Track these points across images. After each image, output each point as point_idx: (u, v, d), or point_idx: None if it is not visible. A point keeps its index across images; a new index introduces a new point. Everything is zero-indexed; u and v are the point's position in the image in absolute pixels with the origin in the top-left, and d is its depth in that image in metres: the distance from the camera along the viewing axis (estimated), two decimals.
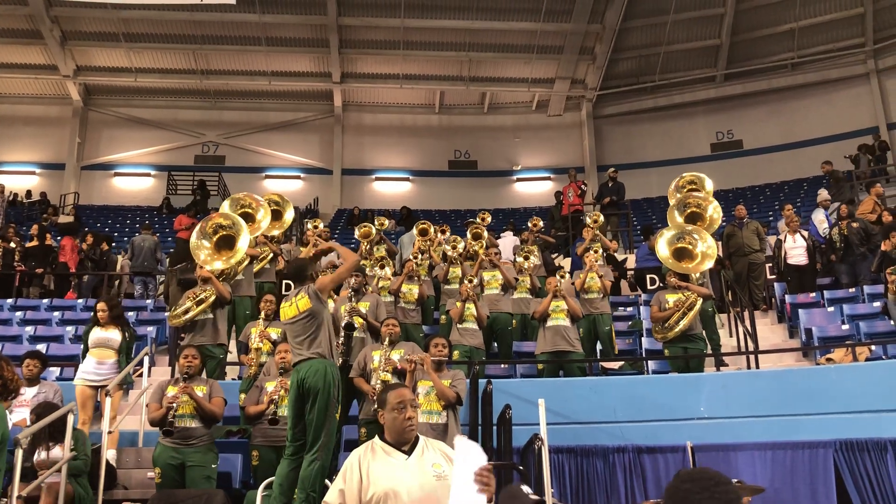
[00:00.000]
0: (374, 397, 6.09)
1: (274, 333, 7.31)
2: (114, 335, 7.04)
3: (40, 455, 5.69)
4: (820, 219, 12.36)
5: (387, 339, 6.45)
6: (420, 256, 9.82)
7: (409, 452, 3.14)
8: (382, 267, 9.38)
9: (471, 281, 8.43)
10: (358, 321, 7.12)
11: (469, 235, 10.38)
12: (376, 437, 3.26)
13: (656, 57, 23.30)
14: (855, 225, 10.55)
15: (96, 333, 7.04)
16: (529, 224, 11.94)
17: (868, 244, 10.33)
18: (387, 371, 6.23)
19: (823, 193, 14.53)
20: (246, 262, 8.65)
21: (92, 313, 7.36)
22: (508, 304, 9.17)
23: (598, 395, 6.87)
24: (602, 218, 10.99)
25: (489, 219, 11.72)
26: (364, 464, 3.10)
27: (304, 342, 5.36)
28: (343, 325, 6.82)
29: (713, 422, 6.60)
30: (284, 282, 10.76)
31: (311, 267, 5.77)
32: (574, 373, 7.86)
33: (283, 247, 12.10)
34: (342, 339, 6.76)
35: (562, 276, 8.96)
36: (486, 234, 10.45)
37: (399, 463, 3.11)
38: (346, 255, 5.92)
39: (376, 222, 11.08)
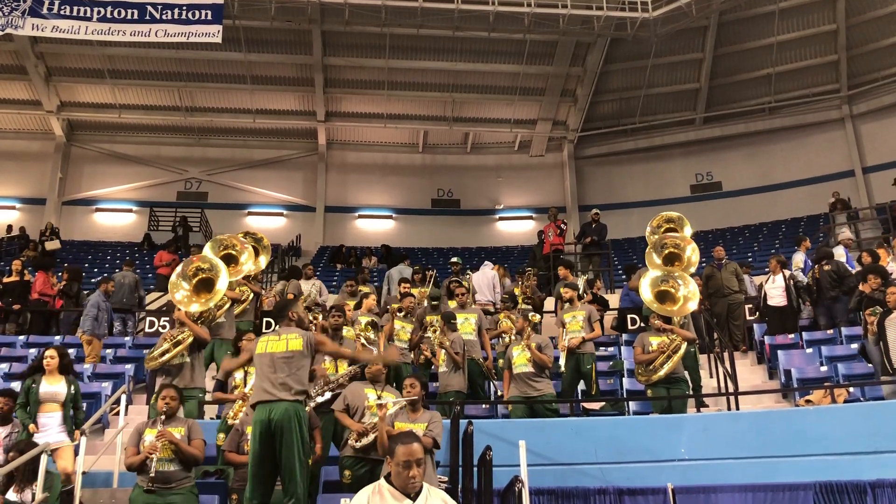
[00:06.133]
0: (357, 436, 6.06)
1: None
2: (60, 387, 6.75)
3: (21, 496, 5.55)
4: (839, 253, 12.35)
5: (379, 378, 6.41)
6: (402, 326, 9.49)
7: (413, 499, 3.35)
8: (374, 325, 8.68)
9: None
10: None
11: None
12: (382, 479, 3.44)
13: (637, 100, 23.75)
14: (827, 268, 10.66)
15: (44, 387, 6.72)
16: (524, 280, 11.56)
17: (841, 286, 10.45)
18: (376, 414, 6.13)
19: (846, 232, 14.72)
20: (227, 306, 8.55)
21: (35, 362, 6.96)
22: (479, 350, 8.98)
23: (579, 436, 6.84)
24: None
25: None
26: None
27: (279, 380, 5.30)
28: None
29: (694, 463, 6.59)
30: (265, 320, 10.71)
31: (294, 307, 5.76)
32: (544, 414, 7.78)
33: (277, 286, 12.06)
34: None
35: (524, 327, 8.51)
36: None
37: None
38: (358, 356, 5.97)
39: (364, 262, 10.94)
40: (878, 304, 8.58)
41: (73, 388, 6.82)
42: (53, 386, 6.75)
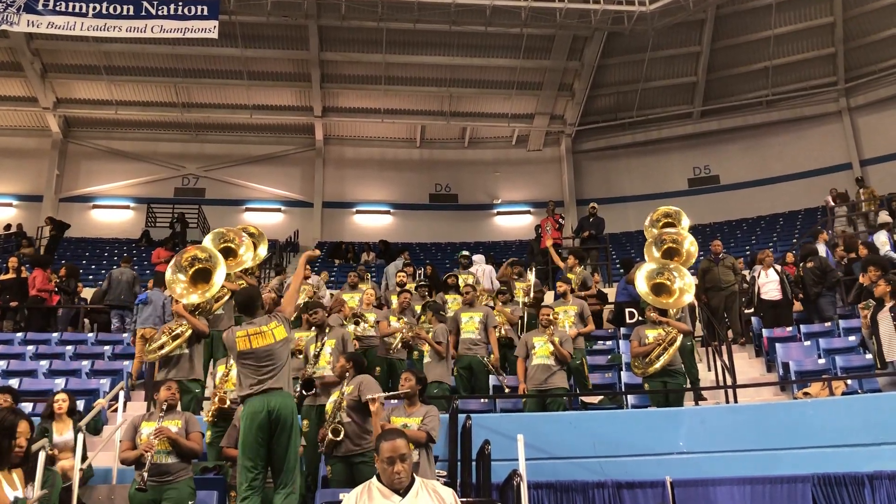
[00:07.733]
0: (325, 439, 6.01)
1: None
2: (70, 435, 6.58)
3: (23, 492, 5.54)
4: (882, 240, 12.40)
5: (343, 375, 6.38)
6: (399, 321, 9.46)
7: (403, 494, 3.38)
8: (357, 323, 8.88)
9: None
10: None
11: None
12: (374, 477, 3.48)
13: (634, 93, 23.72)
14: (810, 265, 10.71)
15: (56, 438, 6.53)
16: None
17: (824, 282, 10.51)
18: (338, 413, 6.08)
19: (883, 216, 14.87)
20: (226, 297, 8.54)
21: (47, 409, 6.77)
22: (484, 349, 9.00)
23: (577, 430, 6.85)
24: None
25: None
26: None
27: (271, 371, 5.31)
28: (301, 383, 6.60)
29: (692, 456, 6.61)
30: None
31: (260, 298, 5.74)
32: (558, 409, 7.77)
33: (273, 281, 12.04)
34: (297, 394, 6.62)
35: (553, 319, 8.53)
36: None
37: None
38: (296, 273, 6.03)
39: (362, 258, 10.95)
40: (871, 297, 8.59)
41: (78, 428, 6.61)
42: (65, 435, 6.62)
